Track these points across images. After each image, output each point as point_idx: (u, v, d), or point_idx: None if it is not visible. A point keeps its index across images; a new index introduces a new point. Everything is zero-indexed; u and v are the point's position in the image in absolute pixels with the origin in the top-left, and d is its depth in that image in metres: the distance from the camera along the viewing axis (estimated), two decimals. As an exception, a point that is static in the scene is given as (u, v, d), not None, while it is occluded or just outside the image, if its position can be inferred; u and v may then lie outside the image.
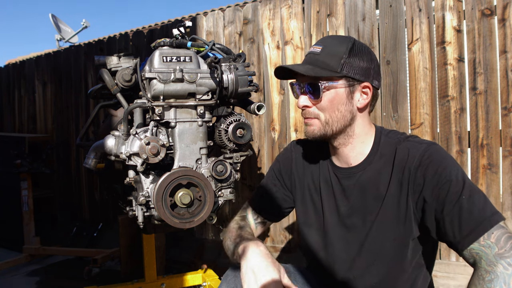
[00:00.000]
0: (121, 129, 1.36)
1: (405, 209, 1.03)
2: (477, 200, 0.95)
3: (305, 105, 1.11)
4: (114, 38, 3.43)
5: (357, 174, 1.12)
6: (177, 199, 1.30)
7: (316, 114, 1.10)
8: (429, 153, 1.01)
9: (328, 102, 1.08)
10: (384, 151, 1.10)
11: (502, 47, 1.95)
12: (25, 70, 4.19)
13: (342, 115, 1.09)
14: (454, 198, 0.95)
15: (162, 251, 2.58)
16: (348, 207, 1.14)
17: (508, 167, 1.96)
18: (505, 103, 1.96)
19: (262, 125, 2.57)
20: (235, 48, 2.65)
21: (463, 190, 0.95)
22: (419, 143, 1.06)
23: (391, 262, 1.08)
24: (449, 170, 0.98)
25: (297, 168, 1.28)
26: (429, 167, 1.00)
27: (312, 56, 1.11)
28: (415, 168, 1.01)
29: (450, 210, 0.95)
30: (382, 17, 2.22)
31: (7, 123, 4.39)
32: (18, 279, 2.83)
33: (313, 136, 1.12)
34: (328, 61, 1.07)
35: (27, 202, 3.19)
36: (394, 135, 1.13)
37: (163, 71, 1.33)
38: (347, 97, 1.08)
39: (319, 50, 1.09)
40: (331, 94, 1.07)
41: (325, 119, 1.09)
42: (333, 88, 1.07)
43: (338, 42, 1.09)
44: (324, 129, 1.10)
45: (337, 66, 1.06)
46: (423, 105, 2.12)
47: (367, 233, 1.09)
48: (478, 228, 0.92)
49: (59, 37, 5.33)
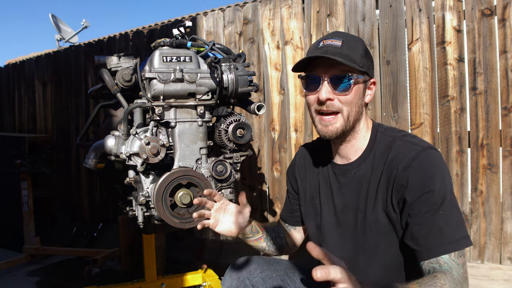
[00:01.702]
0: (121, 129, 1.36)
1: (391, 207, 1.04)
2: (452, 219, 0.96)
3: (329, 97, 1.06)
4: (114, 38, 3.43)
5: (352, 170, 1.13)
6: (177, 199, 1.30)
7: (339, 107, 1.07)
8: (422, 157, 1.00)
9: (354, 96, 1.07)
10: (379, 148, 1.10)
11: (502, 47, 1.95)
12: (25, 70, 4.18)
13: (358, 109, 1.10)
14: (430, 210, 0.96)
15: (162, 251, 2.58)
16: (344, 204, 1.15)
17: (508, 167, 1.96)
18: (505, 103, 1.96)
19: (262, 125, 2.57)
20: (235, 48, 2.65)
21: (442, 205, 0.96)
22: (415, 144, 1.04)
23: (388, 264, 1.08)
24: (435, 181, 0.97)
25: (299, 171, 1.32)
26: (417, 171, 0.99)
27: (333, 49, 1.06)
28: (403, 168, 1.00)
29: (423, 220, 0.97)
30: (382, 17, 2.22)
31: (7, 123, 4.39)
32: (18, 279, 2.83)
33: (335, 134, 1.09)
34: (352, 55, 1.05)
35: (27, 202, 3.18)
36: (390, 132, 1.12)
37: (163, 71, 1.33)
38: (363, 92, 1.10)
39: (340, 43, 1.06)
40: (357, 88, 1.08)
41: (347, 113, 1.07)
42: (358, 82, 1.08)
43: (353, 38, 1.11)
44: (346, 125, 1.08)
45: (360, 61, 1.06)
46: (423, 105, 2.12)
47: (360, 232, 1.10)
48: (444, 246, 0.95)
49: (59, 37, 5.33)
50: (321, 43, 1.09)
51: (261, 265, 1.26)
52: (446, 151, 2.07)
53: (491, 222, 2.00)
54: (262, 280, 1.21)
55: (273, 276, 1.23)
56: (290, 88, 2.49)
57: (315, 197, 1.24)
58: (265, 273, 1.23)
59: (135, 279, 2.13)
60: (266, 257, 1.35)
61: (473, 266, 2.02)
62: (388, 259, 1.07)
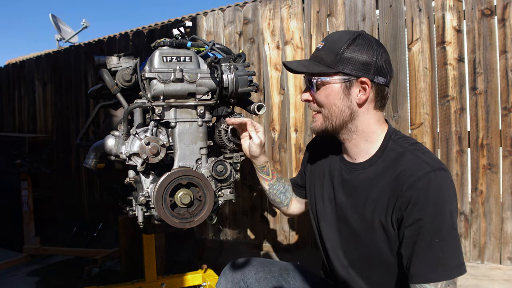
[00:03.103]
0: (121, 129, 1.35)
1: (391, 223, 1.03)
2: (447, 248, 0.95)
3: (306, 99, 1.15)
4: (114, 38, 3.43)
5: (358, 171, 1.13)
6: (177, 199, 1.30)
7: (317, 108, 1.13)
8: (429, 179, 0.97)
9: (324, 97, 1.10)
10: (388, 157, 1.07)
11: (502, 47, 1.96)
12: (25, 70, 4.18)
13: (340, 110, 1.09)
14: (427, 235, 0.95)
15: (162, 251, 2.58)
16: (343, 200, 1.15)
17: (508, 167, 1.96)
18: (505, 103, 1.96)
19: (262, 125, 2.57)
20: (235, 48, 2.65)
21: (439, 233, 0.95)
22: (425, 162, 1.00)
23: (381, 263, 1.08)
24: (438, 207, 0.95)
25: (309, 161, 1.35)
26: (421, 194, 0.96)
27: (315, 52, 1.14)
28: (408, 188, 0.98)
29: (417, 243, 0.96)
30: (382, 17, 2.22)
31: (7, 123, 4.39)
32: (18, 279, 2.83)
33: (316, 131, 1.15)
34: (324, 57, 1.08)
35: (27, 202, 3.19)
36: (403, 142, 1.09)
37: (163, 71, 1.33)
38: (343, 93, 1.07)
39: (321, 46, 1.11)
40: (326, 90, 1.08)
41: (325, 113, 1.11)
42: (327, 83, 1.08)
43: (339, 37, 1.09)
44: (325, 123, 1.12)
45: (332, 62, 1.06)
46: (423, 105, 2.12)
47: (355, 231, 1.11)
48: (431, 275, 0.94)
49: (59, 37, 5.33)
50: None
51: (256, 266, 1.27)
52: (446, 151, 2.08)
53: (491, 222, 2.00)
54: (256, 282, 1.22)
55: (267, 278, 1.23)
56: (290, 88, 2.49)
57: (318, 187, 1.26)
58: (260, 274, 1.24)
59: (135, 279, 2.13)
60: (262, 259, 1.35)
61: (473, 266, 2.02)
62: (380, 260, 1.08)
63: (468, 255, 2.05)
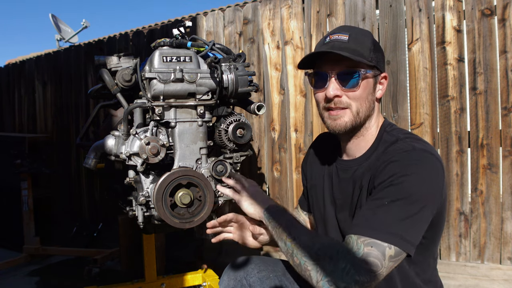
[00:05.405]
0: (121, 129, 1.36)
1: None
2: (393, 214, 0.91)
3: (336, 94, 1.05)
4: (114, 38, 3.43)
5: (353, 167, 1.12)
6: (177, 199, 1.30)
7: (347, 103, 1.05)
8: (407, 154, 0.96)
9: (363, 91, 1.05)
10: (381, 149, 1.07)
11: (502, 47, 1.96)
12: (25, 70, 4.18)
13: (369, 105, 1.07)
14: (381, 195, 0.94)
15: (162, 251, 2.58)
16: (342, 200, 1.15)
17: (508, 167, 1.96)
18: (505, 103, 1.96)
19: (262, 125, 2.57)
20: (235, 48, 2.65)
21: (395, 197, 0.91)
22: (412, 145, 0.99)
23: None
24: (406, 176, 0.93)
25: (309, 163, 1.34)
26: (396, 163, 0.95)
27: (339, 43, 1.04)
28: (385, 161, 0.98)
29: (369, 202, 0.97)
30: (382, 17, 2.22)
31: (7, 123, 4.39)
32: (18, 279, 2.83)
33: (344, 129, 1.07)
34: (359, 49, 1.03)
35: (27, 202, 3.18)
36: (396, 132, 1.09)
37: (163, 71, 1.33)
38: (373, 87, 1.08)
39: (346, 38, 1.04)
40: (366, 83, 1.06)
41: (357, 109, 1.05)
42: (367, 77, 1.05)
43: (361, 32, 1.08)
44: (355, 120, 1.06)
45: (368, 55, 1.04)
46: (423, 105, 2.12)
47: None
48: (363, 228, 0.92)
49: (59, 37, 5.33)
50: (327, 38, 1.07)
51: (259, 265, 1.26)
52: (446, 151, 2.08)
53: (491, 222, 2.00)
54: (259, 280, 1.20)
55: (270, 277, 1.22)
56: (290, 88, 2.49)
57: (318, 188, 1.25)
58: (263, 273, 1.22)
59: (135, 279, 2.13)
60: (265, 257, 1.34)
61: (473, 266, 2.02)
62: None
63: (468, 255, 2.05)
